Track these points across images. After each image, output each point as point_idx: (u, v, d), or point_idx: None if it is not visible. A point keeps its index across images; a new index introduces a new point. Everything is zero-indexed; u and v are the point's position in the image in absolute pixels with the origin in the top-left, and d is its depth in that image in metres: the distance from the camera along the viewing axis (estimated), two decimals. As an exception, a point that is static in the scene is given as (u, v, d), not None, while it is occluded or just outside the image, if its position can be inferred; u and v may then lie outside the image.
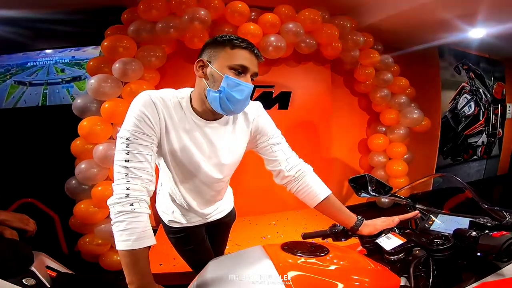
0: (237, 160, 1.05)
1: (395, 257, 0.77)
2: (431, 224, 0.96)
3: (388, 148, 3.31)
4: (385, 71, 3.08)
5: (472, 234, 0.69)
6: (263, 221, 2.86)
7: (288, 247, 0.76)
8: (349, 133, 3.55)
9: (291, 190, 1.06)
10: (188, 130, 0.92)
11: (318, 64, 3.07)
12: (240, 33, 2.37)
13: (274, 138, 1.04)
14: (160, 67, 2.33)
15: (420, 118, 3.17)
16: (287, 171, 1.02)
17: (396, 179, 3.24)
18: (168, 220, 1.15)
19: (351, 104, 3.52)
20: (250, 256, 0.75)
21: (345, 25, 2.72)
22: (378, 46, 3.11)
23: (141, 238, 0.74)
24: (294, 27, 2.45)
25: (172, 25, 2.15)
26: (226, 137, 0.98)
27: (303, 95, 3.03)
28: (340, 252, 0.76)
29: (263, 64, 2.83)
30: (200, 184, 1.03)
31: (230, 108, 0.85)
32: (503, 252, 0.64)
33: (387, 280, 0.68)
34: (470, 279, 0.70)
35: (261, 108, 1.06)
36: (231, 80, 0.83)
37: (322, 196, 1.00)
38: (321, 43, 2.72)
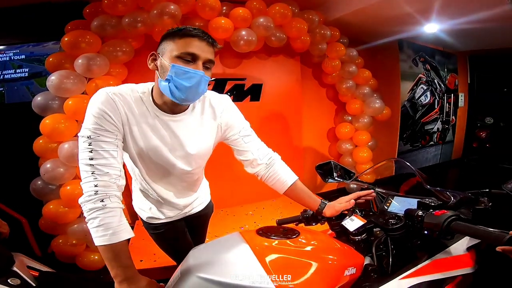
0: (205, 152, 1.06)
1: (358, 237, 0.85)
2: (389, 205, 1.04)
3: (354, 136, 3.51)
4: (350, 63, 3.23)
5: (418, 213, 0.76)
6: (240, 211, 2.94)
7: (262, 232, 0.81)
8: (319, 122, 3.70)
9: (262, 178, 1.11)
10: (152, 125, 0.92)
11: (288, 57, 3.15)
12: (211, 27, 2.37)
13: (245, 130, 1.07)
14: (127, 62, 2.27)
15: (382, 108, 3.39)
16: (260, 159, 1.07)
17: (362, 165, 3.46)
18: (147, 217, 1.17)
19: (320, 95, 3.66)
20: (228, 242, 0.79)
21: (314, 19, 2.81)
22: (344, 40, 3.25)
23: (118, 232, 0.76)
24: (265, 21, 2.49)
25: (140, 19, 2.10)
26: (191, 128, 0.99)
27: (274, 87, 3.10)
28: (309, 234, 0.83)
29: (235, 57, 2.89)
30: (170, 176, 1.05)
31: (181, 96, 0.84)
32: (444, 230, 0.70)
33: (353, 258, 0.76)
34: (424, 257, 0.79)
35: (229, 102, 1.07)
36: (178, 68, 0.82)
37: (289, 182, 1.06)
38: (291, 37, 2.79)
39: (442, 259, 0.77)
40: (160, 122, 0.93)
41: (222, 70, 2.86)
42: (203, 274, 0.67)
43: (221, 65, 2.84)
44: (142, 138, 0.92)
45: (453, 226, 0.66)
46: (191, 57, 0.83)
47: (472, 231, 0.63)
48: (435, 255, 0.78)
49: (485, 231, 0.60)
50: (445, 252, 0.79)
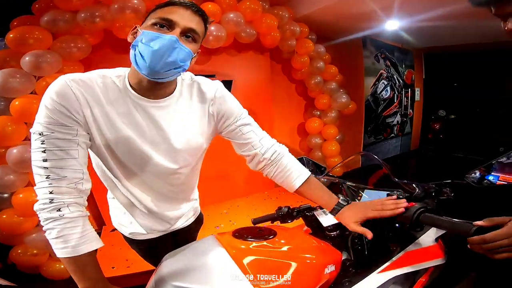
0: (195, 146, 0.89)
1: (334, 233, 0.86)
2: (360, 198, 1.06)
3: (322, 130, 3.61)
4: (318, 59, 3.31)
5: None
6: (215, 210, 2.90)
7: (239, 234, 0.78)
8: (289, 118, 3.75)
9: (268, 175, 0.95)
10: (126, 113, 0.77)
11: (258, 53, 3.14)
12: (178, 21, 2.27)
13: (243, 119, 0.91)
14: (83, 58, 2.11)
15: (348, 102, 3.53)
16: (262, 154, 0.91)
17: (331, 158, 3.58)
18: (129, 233, 0.99)
19: (289, 90, 3.71)
20: (203, 247, 0.76)
21: (283, 15, 2.82)
22: (312, 36, 3.30)
23: (81, 243, 0.67)
24: (235, 16, 2.46)
25: (98, 14, 1.97)
26: (177, 118, 0.83)
27: (244, 83, 3.08)
28: (286, 234, 0.82)
29: (204, 54, 2.80)
30: (153, 178, 0.87)
31: (145, 64, 0.69)
32: (414, 222, 0.72)
33: (330, 255, 0.77)
34: (396, 249, 0.82)
35: (222, 88, 0.90)
36: (147, 33, 0.70)
37: (300, 181, 0.90)
38: (261, 33, 2.78)
39: (414, 250, 0.81)
40: (138, 109, 0.78)
41: (191, 66, 2.76)
42: (178, 283, 0.64)
43: (189, 60, 2.75)
44: (113, 131, 0.76)
45: (422, 218, 0.70)
46: (168, 24, 0.71)
47: (440, 223, 0.67)
48: (407, 247, 0.82)
49: (453, 223, 0.64)
50: (415, 244, 0.83)
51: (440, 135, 5.98)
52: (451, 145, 5.72)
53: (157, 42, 0.68)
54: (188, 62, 0.76)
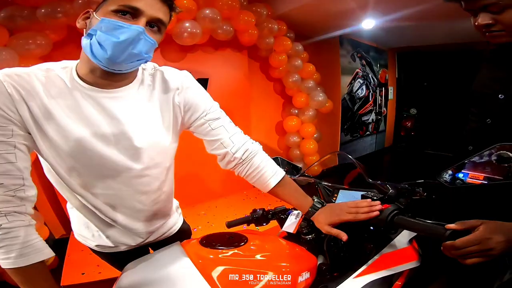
0: (160, 142, 0.78)
1: (309, 236, 0.84)
2: (335, 199, 1.05)
3: (300, 129, 3.63)
4: (296, 57, 3.30)
5: None
6: (192, 212, 2.82)
7: (206, 242, 0.72)
8: (267, 116, 3.74)
9: (240, 175, 0.88)
10: (73, 107, 0.67)
11: (235, 51, 3.09)
12: (151, 17, 2.17)
13: (212, 113, 0.82)
14: (44, 55, 1.97)
15: (325, 101, 3.57)
16: (233, 153, 0.83)
17: (309, 156, 3.61)
18: (95, 245, 0.89)
19: (267, 89, 3.68)
20: (167, 257, 0.71)
21: (262, 12, 2.78)
22: (291, 34, 3.29)
23: (25, 254, 0.61)
24: (211, 13, 2.38)
25: (61, 10, 1.85)
26: (137, 110, 0.73)
27: (221, 82, 3.01)
28: (258, 240, 0.78)
29: (178, 51, 2.71)
30: (116, 183, 0.75)
31: (104, 55, 0.62)
32: (388, 225, 0.71)
33: (305, 261, 0.74)
34: (372, 252, 0.80)
35: (190, 78, 0.82)
36: (108, 21, 0.61)
37: (274, 181, 0.85)
38: (238, 30, 2.73)
39: (389, 253, 0.80)
40: (89, 101, 0.68)
41: (164, 63, 2.63)
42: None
43: (162, 58, 2.64)
44: (54, 129, 0.66)
45: (396, 221, 0.70)
46: (132, 12, 0.63)
47: (414, 226, 0.67)
48: (382, 250, 0.81)
49: (427, 227, 0.64)
50: (390, 246, 0.82)
51: (411, 133, 6.24)
52: (422, 142, 5.99)
53: (121, 32, 0.61)
54: (152, 53, 0.69)
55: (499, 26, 0.75)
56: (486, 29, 0.78)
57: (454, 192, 0.90)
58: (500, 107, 0.87)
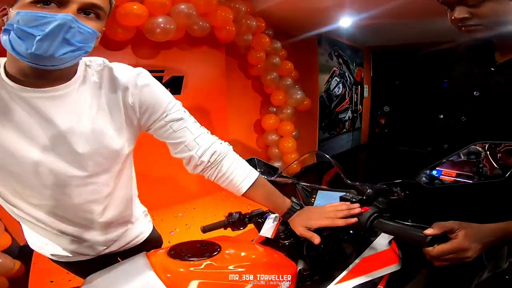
0: (107, 147, 0.69)
1: (287, 241, 0.80)
2: (314, 200, 1.02)
3: (279, 127, 3.62)
4: (274, 55, 3.28)
5: None
6: (169, 214, 2.74)
7: (175, 252, 0.65)
8: (245, 115, 3.70)
9: (210, 179, 0.81)
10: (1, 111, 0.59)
11: (213, 48, 3.01)
12: (119, 14, 2.05)
13: (173, 113, 0.73)
14: None
15: (303, 99, 3.57)
16: (199, 156, 0.75)
17: (288, 155, 3.61)
18: (51, 254, 0.82)
19: (245, 87, 3.64)
20: (131, 269, 0.64)
21: (240, 8, 2.71)
22: (269, 32, 3.25)
23: None
24: (186, 8, 2.28)
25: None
26: (77, 112, 0.64)
27: (197, 79, 2.93)
28: (233, 248, 0.73)
29: (152, 47, 2.58)
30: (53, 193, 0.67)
31: (28, 50, 0.52)
32: (368, 229, 0.69)
33: (284, 268, 0.70)
34: (353, 255, 0.78)
35: (145, 75, 0.71)
36: (25, 14, 0.52)
37: (247, 184, 0.78)
38: (215, 26, 2.64)
39: (370, 256, 0.79)
40: (19, 103, 0.59)
41: (135, 60, 2.54)
42: None
43: (133, 55, 2.51)
44: None
45: (376, 225, 0.68)
46: (56, 1, 0.53)
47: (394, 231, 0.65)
48: (362, 253, 0.79)
49: (407, 232, 0.62)
50: (371, 248, 0.81)
51: (385, 130, 6.47)
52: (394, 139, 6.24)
53: (43, 24, 0.51)
54: (91, 43, 0.59)
55: (476, 20, 0.74)
56: (462, 24, 0.76)
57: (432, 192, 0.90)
58: (475, 104, 0.86)
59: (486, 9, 0.71)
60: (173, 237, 2.45)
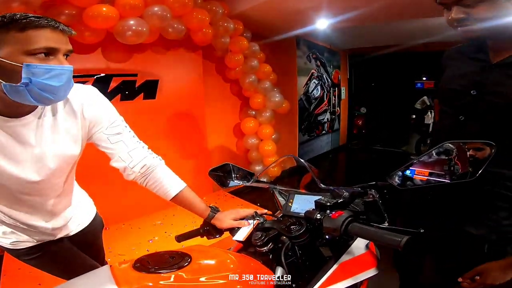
0: (68, 156, 0.85)
1: (265, 248, 0.79)
2: (291, 204, 0.99)
3: (258, 130, 3.60)
4: (252, 58, 3.26)
5: (317, 217, 0.74)
6: (147, 222, 2.64)
7: (141, 265, 0.63)
8: (224, 119, 3.65)
9: (142, 185, 0.97)
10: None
11: (189, 51, 2.95)
12: (87, 15, 1.96)
13: (113, 127, 0.88)
14: None
15: (281, 101, 3.58)
16: (131, 167, 0.90)
17: (268, 158, 3.60)
18: (12, 242, 0.94)
19: (224, 90, 3.59)
20: (93, 283, 0.61)
21: (217, 11, 2.67)
22: (247, 34, 3.23)
23: None
24: (160, 10, 2.21)
25: None
26: (48, 134, 0.79)
27: (172, 83, 2.86)
28: (205, 258, 0.70)
29: (123, 51, 2.49)
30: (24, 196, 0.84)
31: (49, 98, 0.67)
32: (343, 233, 0.68)
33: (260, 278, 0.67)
34: (331, 260, 0.77)
35: (93, 92, 0.87)
36: (38, 67, 0.64)
37: (173, 192, 0.94)
38: (191, 29, 2.59)
39: (348, 260, 0.78)
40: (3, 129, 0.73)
41: (106, 64, 2.43)
42: None
43: (103, 59, 2.40)
44: None
45: (350, 229, 0.67)
46: (50, 51, 0.66)
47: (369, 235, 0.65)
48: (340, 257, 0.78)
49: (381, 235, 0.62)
50: (348, 253, 0.80)
51: (362, 130, 6.65)
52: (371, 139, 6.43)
53: (58, 76, 0.67)
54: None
55: (472, 20, 0.76)
56: (459, 24, 0.79)
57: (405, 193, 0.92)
58: (473, 103, 0.88)
59: (481, 9, 0.74)
60: (152, 245, 2.36)
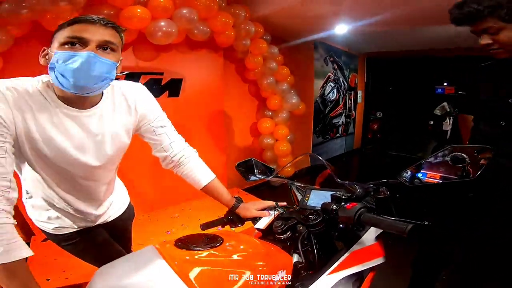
0: (122, 147, 0.97)
1: (284, 236, 0.87)
2: (308, 199, 1.08)
3: (274, 131, 3.69)
4: (271, 60, 3.35)
5: (333, 208, 0.82)
6: (165, 215, 2.77)
7: (182, 243, 0.73)
8: (241, 118, 3.75)
9: (177, 174, 1.09)
10: (57, 123, 0.79)
11: (211, 52, 3.06)
12: (123, 16, 2.11)
13: (158, 121, 1.00)
14: (3, 51, 1.85)
15: (298, 103, 3.66)
16: (171, 157, 1.03)
17: (283, 158, 3.68)
18: (54, 228, 1.01)
19: (242, 90, 3.70)
20: (141, 259, 0.69)
21: (240, 14, 2.77)
22: (267, 37, 3.32)
23: (10, 250, 0.65)
24: (188, 13, 2.34)
25: (26, 5, 1.72)
26: (106, 123, 0.89)
27: (195, 82, 2.98)
28: (234, 240, 0.79)
29: (152, 50, 2.64)
30: (83, 181, 0.93)
31: (69, 83, 0.72)
32: (356, 222, 0.75)
33: (281, 260, 0.76)
34: (343, 249, 0.85)
35: (142, 89, 0.99)
36: (61, 54, 0.71)
37: (204, 182, 1.06)
38: (215, 31, 2.70)
39: (358, 250, 0.85)
40: (69, 119, 0.81)
41: (135, 62, 2.58)
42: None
43: (134, 57, 2.55)
44: (45, 141, 0.79)
45: (363, 218, 0.75)
46: (79, 42, 0.72)
47: (378, 223, 0.73)
48: (352, 247, 0.86)
49: (389, 223, 0.70)
50: (359, 243, 0.87)
51: (378, 135, 6.60)
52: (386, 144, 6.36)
53: (75, 60, 0.71)
54: (113, 72, 0.79)
55: (497, 45, 0.99)
56: (488, 48, 1.01)
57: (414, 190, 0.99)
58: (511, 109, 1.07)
59: (503, 35, 0.96)
60: (169, 236, 2.49)
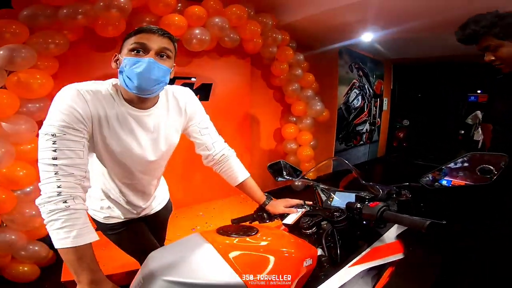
0: (174, 143, 1.09)
1: (309, 231, 0.94)
2: (332, 200, 1.15)
3: (298, 136, 3.74)
4: (296, 67, 3.43)
5: (357, 206, 0.89)
6: (190, 213, 2.90)
7: (223, 231, 0.83)
8: (266, 123, 3.85)
9: (216, 171, 1.20)
10: (122, 121, 0.91)
11: (239, 58, 3.20)
12: (163, 23, 2.29)
13: (203, 122, 1.12)
14: (59, 55, 2.05)
15: (322, 110, 3.70)
16: (213, 155, 1.14)
17: (305, 163, 3.72)
18: (104, 217, 1.13)
19: (267, 96, 3.81)
20: (190, 243, 0.79)
21: (267, 22, 2.90)
22: (293, 44, 3.41)
23: (82, 234, 0.74)
24: (220, 21, 2.50)
25: (81, 11, 1.94)
26: (161, 123, 1.00)
27: (224, 87, 3.12)
28: (267, 231, 0.87)
29: (185, 56, 2.84)
30: (140, 175, 1.05)
31: (134, 84, 0.84)
32: (378, 219, 0.82)
33: (308, 250, 0.84)
34: (364, 246, 0.91)
35: (191, 93, 1.11)
36: (128, 59, 0.84)
37: (240, 179, 1.17)
38: (244, 39, 2.84)
39: (379, 246, 0.91)
40: (132, 118, 0.93)
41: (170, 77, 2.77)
42: (169, 277, 0.66)
43: (170, 62, 2.75)
44: (113, 137, 0.91)
45: (385, 215, 0.82)
46: (142, 48, 0.85)
47: (399, 219, 0.79)
48: (373, 244, 0.92)
49: (409, 219, 0.76)
50: (380, 240, 0.93)
51: (403, 143, 6.42)
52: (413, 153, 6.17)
53: (139, 65, 0.83)
54: (167, 76, 0.90)
55: (499, 61, 1.11)
56: (493, 63, 1.13)
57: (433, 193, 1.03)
58: None
59: (502, 52, 1.08)
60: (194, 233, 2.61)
